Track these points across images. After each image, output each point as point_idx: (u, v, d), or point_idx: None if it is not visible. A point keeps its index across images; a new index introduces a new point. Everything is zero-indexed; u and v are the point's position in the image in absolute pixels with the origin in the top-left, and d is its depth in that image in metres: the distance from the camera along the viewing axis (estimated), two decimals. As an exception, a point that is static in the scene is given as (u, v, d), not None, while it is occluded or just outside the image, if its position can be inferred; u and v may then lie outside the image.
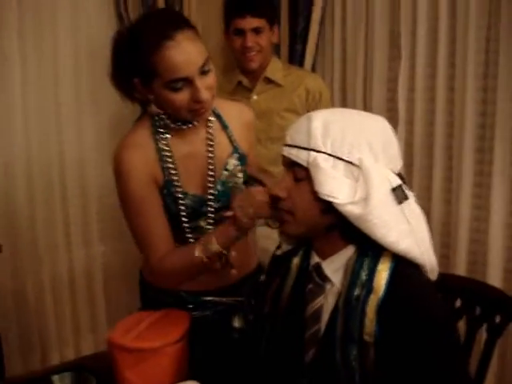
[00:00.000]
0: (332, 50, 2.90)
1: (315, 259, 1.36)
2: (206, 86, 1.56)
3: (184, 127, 1.68)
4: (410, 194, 1.29)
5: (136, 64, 1.57)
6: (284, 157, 1.33)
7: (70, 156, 2.81)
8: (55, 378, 1.54)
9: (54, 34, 2.67)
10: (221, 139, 1.76)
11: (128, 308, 2.96)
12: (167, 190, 1.68)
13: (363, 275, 1.24)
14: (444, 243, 2.58)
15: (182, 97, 1.55)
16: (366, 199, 1.22)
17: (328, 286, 1.32)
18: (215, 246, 1.58)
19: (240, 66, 2.64)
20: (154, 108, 1.67)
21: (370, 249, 1.26)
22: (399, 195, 1.25)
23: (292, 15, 2.89)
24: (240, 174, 1.76)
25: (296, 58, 2.89)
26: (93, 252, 2.98)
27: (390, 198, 1.24)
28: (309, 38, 2.84)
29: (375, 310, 1.20)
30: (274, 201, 1.35)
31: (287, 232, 1.36)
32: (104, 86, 2.15)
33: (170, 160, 1.68)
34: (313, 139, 1.26)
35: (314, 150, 1.25)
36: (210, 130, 1.74)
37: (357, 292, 1.23)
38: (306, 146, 1.27)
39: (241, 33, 2.50)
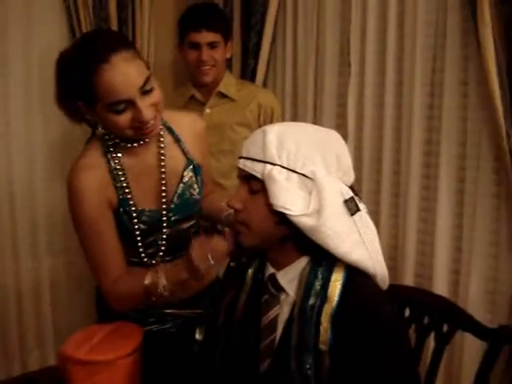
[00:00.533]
0: (283, 66, 2.96)
1: (270, 270, 1.38)
2: (149, 104, 1.54)
3: (135, 145, 1.67)
4: (362, 206, 1.32)
5: (77, 88, 1.54)
6: (239, 169, 1.35)
7: (18, 168, 2.77)
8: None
9: (4, 43, 2.63)
10: (174, 152, 1.75)
11: (75, 322, 2.93)
12: (123, 209, 1.67)
13: (317, 285, 1.27)
14: (392, 256, 2.64)
15: (124, 118, 1.53)
16: (319, 211, 1.24)
17: (283, 296, 1.34)
18: (163, 282, 1.56)
19: (193, 79, 2.65)
20: (100, 129, 1.65)
21: (323, 259, 1.29)
22: (351, 207, 1.28)
23: (244, 30, 2.93)
24: (195, 186, 1.77)
25: (248, 72, 2.93)
26: (40, 266, 2.92)
27: (342, 210, 1.27)
28: (261, 54, 2.89)
29: (329, 319, 1.23)
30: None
31: (242, 243, 1.37)
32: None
33: (123, 179, 1.66)
34: (268, 152, 1.28)
35: (269, 163, 1.28)
36: (162, 145, 1.72)
37: (311, 301, 1.26)
38: (261, 158, 1.29)
39: (196, 46, 2.52)
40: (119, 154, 1.67)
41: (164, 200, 1.71)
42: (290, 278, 1.33)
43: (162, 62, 3.09)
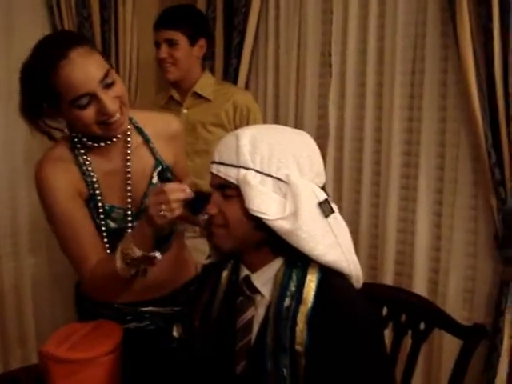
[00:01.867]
0: (265, 66, 2.96)
1: (244, 272, 1.38)
2: (112, 97, 1.55)
3: (102, 144, 1.67)
4: (334, 207, 1.33)
5: (40, 90, 1.55)
6: (213, 175, 1.34)
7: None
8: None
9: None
10: (142, 153, 1.75)
11: (57, 321, 2.92)
12: (93, 204, 1.66)
13: (292, 286, 1.28)
14: (372, 254, 2.66)
15: (89, 113, 1.54)
16: (294, 214, 1.25)
17: (258, 298, 1.35)
18: (136, 251, 1.51)
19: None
20: (66, 132, 1.67)
21: (298, 260, 1.30)
22: (325, 209, 1.28)
23: (227, 30, 2.94)
24: None
25: (230, 72, 2.94)
26: (22, 264, 2.91)
27: (317, 212, 1.28)
28: (243, 53, 2.90)
29: (305, 320, 1.24)
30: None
31: (218, 245, 1.36)
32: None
33: (92, 174, 1.66)
34: (241, 157, 1.28)
35: (243, 168, 1.27)
36: (128, 145, 1.71)
37: (287, 303, 1.27)
38: (234, 163, 1.29)
39: (157, 45, 2.56)
40: (86, 154, 1.67)
41: (129, 200, 1.70)
42: (264, 279, 1.34)
43: (145, 62, 3.09)
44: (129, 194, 1.70)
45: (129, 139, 1.72)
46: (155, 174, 1.74)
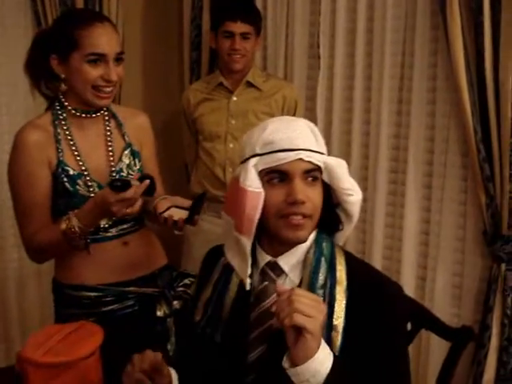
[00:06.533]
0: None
1: (265, 258, 1.36)
2: (117, 72, 1.77)
3: (83, 115, 1.83)
4: None
5: (60, 36, 1.75)
6: (299, 161, 1.30)
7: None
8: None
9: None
10: (115, 135, 1.91)
11: (43, 318, 2.89)
12: (61, 168, 1.78)
13: (323, 262, 1.32)
14: (359, 250, 2.66)
15: (95, 72, 1.74)
16: None
17: (280, 281, 1.33)
18: (75, 221, 1.69)
19: (223, 67, 2.74)
20: (62, 87, 1.81)
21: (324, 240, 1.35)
22: None
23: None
24: (134, 168, 1.90)
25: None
26: (6, 259, 2.87)
27: None
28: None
29: (345, 296, 1.28)
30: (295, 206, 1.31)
31: (301, 238, 1.32)
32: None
33: (72, 142, 1.81)
34: (322, 143, 1.36)
35: (321, 153, 1.34)
36: (108, 123, 1.89)
37: (321, 281, 1.29)
38: (315, 149, 1.32)
39: (230, 35, 2.61)
40: (67, 124, 1.83)
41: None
42: (292, 262, 1.34)
43: (130, 53, 3.03)
44: (111, 168, 1.86)
45: (107, 122, 1.90)
46: (125, 154, 1.89)
